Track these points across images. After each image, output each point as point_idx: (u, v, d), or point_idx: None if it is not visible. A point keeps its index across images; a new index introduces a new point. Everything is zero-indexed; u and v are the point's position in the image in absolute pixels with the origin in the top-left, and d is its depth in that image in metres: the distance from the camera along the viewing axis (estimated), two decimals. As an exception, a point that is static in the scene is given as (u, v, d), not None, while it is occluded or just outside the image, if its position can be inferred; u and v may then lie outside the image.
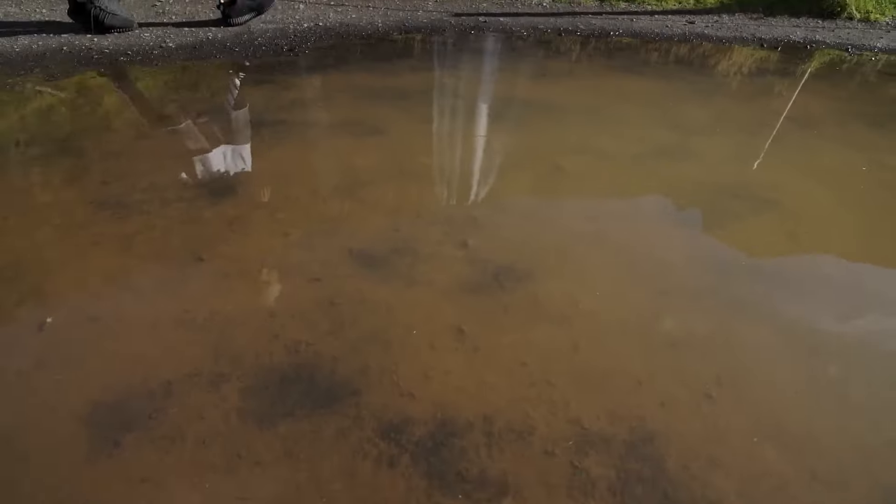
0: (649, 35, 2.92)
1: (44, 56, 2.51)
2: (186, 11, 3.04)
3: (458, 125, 1.86)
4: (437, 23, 2.94)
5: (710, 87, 2.29)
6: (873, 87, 2.42)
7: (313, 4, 3.14)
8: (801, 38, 3.04)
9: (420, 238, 1.29)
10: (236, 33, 2.72)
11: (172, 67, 2.37)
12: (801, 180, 1.64)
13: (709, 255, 1.28)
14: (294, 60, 2.42)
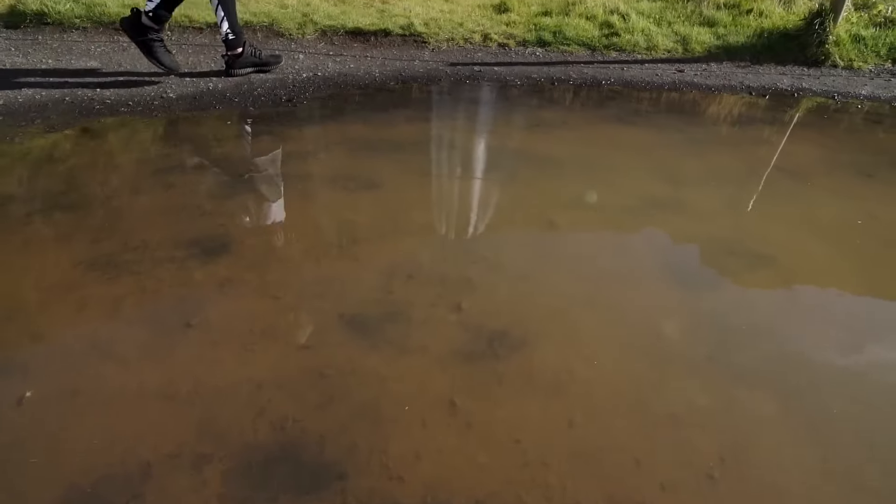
0: (640, 84, 2.99)
1: (46, 106, 2.55)
2: (189, 62, 3.12)
3: (453, 179, 1.87)
4: (433, 72, 3.01)
5: (700, 136, 2.33)
6: (861, 135, 2.46)
7: (313, 54, 3.22)
8: (788, 86, 3.12)
9: (413, 300, 1.27)
10: (236, 84, 2.78)
11: (172, 118, 2.41)
12: (795, 234, 1.64)
13: (706, 318, 1.26)
14: (292, 111, 2.46)
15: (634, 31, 3.56)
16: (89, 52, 3.27)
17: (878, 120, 2.69)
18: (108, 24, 3.57)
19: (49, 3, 3.69)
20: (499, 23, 3.63)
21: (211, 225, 1.57)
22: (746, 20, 3.81)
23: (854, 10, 4.16)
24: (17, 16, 3.69)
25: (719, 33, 3.67)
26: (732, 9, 3.99)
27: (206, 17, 3.56)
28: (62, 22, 3.62)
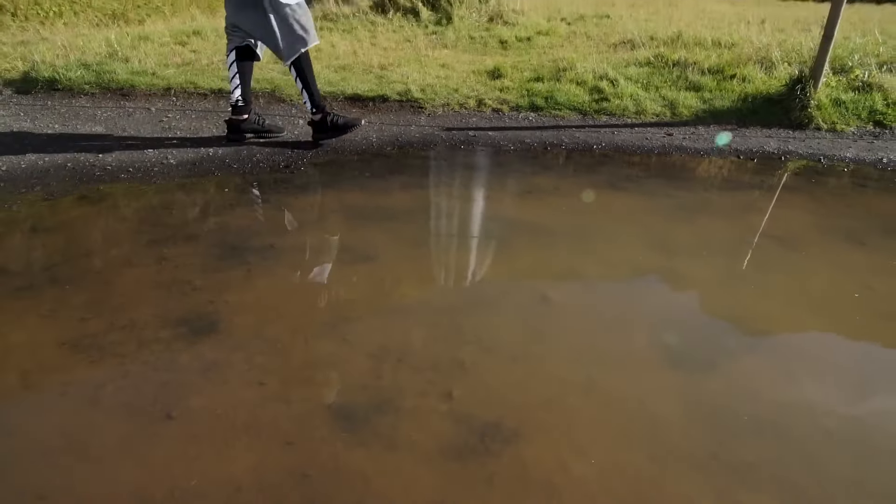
0: (630, 148, 3.07)
1: (48, 172, 2.60)
2: (192, 127, 3.21)
3: (446, 251, 1.87)
4: (428, 137, 3.10)
5: (691, 202, 2.36)
6: (849, 199, 2.50)
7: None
8: (775, 149, 3.20)
9: (403, 388, 1.24)
10: (236, 149, 2.85)
11: (170, 185, 2.44)
12: (792, 309, 1.62)
13: (705, 408, 1.22)
14: (290, 178, 2.51)
15: (623, 96, 3.70)
16: (95, 117, 3.37)
17: (864, 183, 2.74)
18: (116, 90, 3.71)
19: (61, 70, 3.85)
20: (493, 88, 3.77)
21: (200, 302, 1.56)
22: (730, 85, 3.97)
23: (833, 75, 4.35)
24: (30, 82, 3.83)
25: (705, 97, 3.81)
26: (716, 74, 4.17)
27: (211, 84, 3.70)
28: (72, 88, 3.76)
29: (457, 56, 4.89)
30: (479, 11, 7.24)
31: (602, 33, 6.39)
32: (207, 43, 5.10)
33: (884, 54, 4.89)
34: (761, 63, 4.32)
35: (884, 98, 3.95)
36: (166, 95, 3.63)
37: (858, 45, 5.59)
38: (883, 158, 3.16)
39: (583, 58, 4.48)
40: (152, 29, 6.64)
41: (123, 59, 4.11)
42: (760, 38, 5.92)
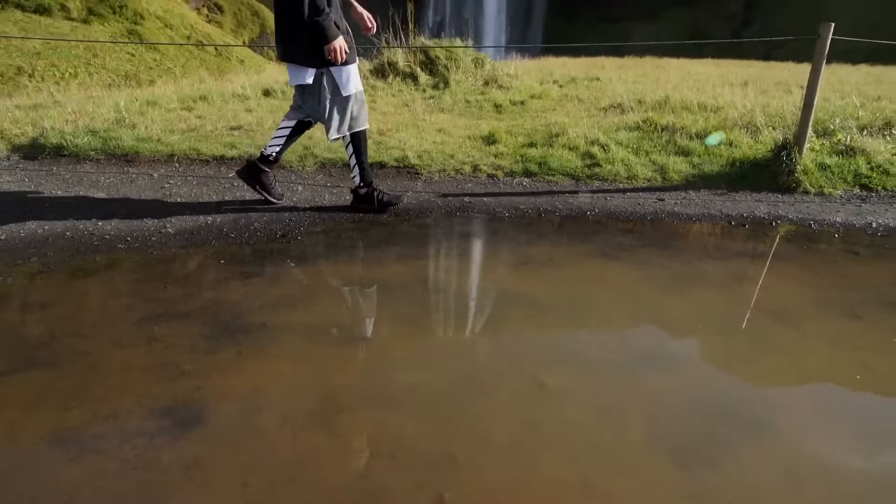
0: (624, 214, 3.12)
1: (46, 242, 2.61)
2: (192, 193, 3.27)
3: (440, 331, 1.86)
4: (425, 204, 3.15)
5: (685, 273, 2.37)
6: (842, 269, 2.51)
7: (311, 186, 3.39)
8: (765, 214, 3.26)
9: (392, 489, 1.19)
10: (234, 218, 2.88)
11: (166, 256, 2.45)
12: (792, 394, 1.59)
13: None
14: (286, 248, 2.53)
15: (615, 161, 3.80)
16: (99, 183, 3.44)
17: (856, 250, 2.77)
18: (121, 157, 3.81)
19: (69, 136, 3.97)
20: (488, 154, 3.88)
21: (187, 388, 1.52)
22: (718, 149, 4.09)
23: (816, 138, 4.50)
24: (38, 148, 3.94)
25: (694, 162, 3.92)
26: (704, 138, 4.31)
27: (213, 150, 3.81)
28: (78, 154, 3.86)
29: (453, 120, 5.07)
30: (475, 76, 7.58)
31: (593, 96, 6.66)
32: (213, 108, 5.29)
33: (863, 118, 5.09)
34: (747, 128, 4.48)
35: (867, 162, 4.07)
36: (169, 162, 3.72)
37: (838, 108, 5.83)
38: (872, 223, 3.20)
39: (574, 122, 4.65)
40: (161, 92, 6.92)
41: (130, 126, 4.25)
42: (744, 101, 6.18)
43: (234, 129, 4.24)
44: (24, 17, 17.40)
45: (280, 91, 6.21)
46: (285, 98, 5.92)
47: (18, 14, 17.51)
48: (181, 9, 20.10)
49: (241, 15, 22.19)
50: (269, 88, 6.14)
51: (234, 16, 21.81)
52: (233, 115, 4.76)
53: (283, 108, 5.35)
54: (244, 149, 3.82)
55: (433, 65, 7.43)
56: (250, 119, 4.54)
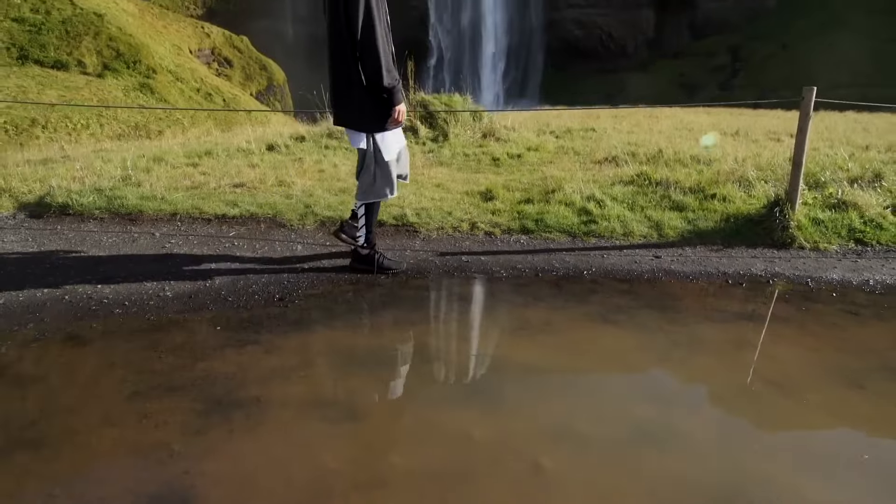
0: (620, 273, 3.13)
1: (44, 306, 2.62)
2: (193, 253, 3.30)
3: (434, 406, 1.83)
4: (422, 263, 3.17)
5: (683, 337, 2.36)
6: (843, 332, 2.50)
7: (311, 245, 3.43)
8: (762, 272, 3.27)
9: None
10: (233, 280, 2.90)
11: (163, 322, 2.45)
12: (797, 476, 1.55)
13: None
14: (283, 313, 2.53)
15: (610, 217, 3.86)
16: (101, 243, 3.48)
17: (855, 311, 2.76)
18: (125, 215, 3.87)
19: (75, 195, 4.05)
20: (485, 211, 3.94)
21: (176, 472, 1.49)
22: (712, 205, 4.16)
23: (808, 191, 4.58)
24: (44, 207, 4.02)
25: (689, 218, 3.97)
26: (697, 193, 4.38)
27: (215, 209, 3.88)
28: (83, 212, 3.93)
29: (452, 175, 5.18)
30: (474, 128, 7.81)
31: (588, 148, 6.83)
32: (218, 163, 5.43)
33: (853, 170, 5.20)
34: (739, 182, 4.57)
35: (860, 216, 4.11)
36: (172, 220, 3.78)
37: (828, 159, 5.97)
38: (869, 280, 3.21)
39: (570, 177, 4.74)
40: (169, 145, 7.11)
41: (136, 184, 4.34)
42: (736, 152, 6.33)
43: (236, 187, 4.33)
44: (42, 73, 18.18)
45: (283, 145, 6.38)
46: (288, 153, 6.08)
47: (37, 69, 18.30)
48: (192, 63, 21.00)
49: (250, 69, 23.14)
50: (273, 143, 6.31)
51: (242, 69, 22.74)
52: (236, 171, 4.88)
53: (285, 163, 5.48)
54: (245, 207, 3.89)
55: (433, 119, 7.67)
56: (253, 175, 4.64)
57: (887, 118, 16.18)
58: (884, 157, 6.25)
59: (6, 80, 16.71)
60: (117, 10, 21.54)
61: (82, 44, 18.88)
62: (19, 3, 18.80)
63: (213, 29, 23.80)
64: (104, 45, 18.87)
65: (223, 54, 22.71)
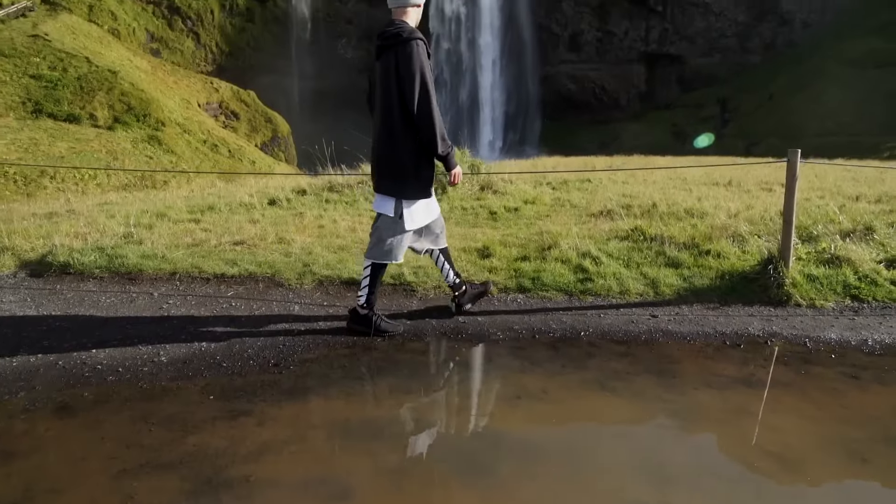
0: (617, 334, 3.13)
1: (37, 373, 2.60)
2: (190, 314, 3.31)
3: (426, 484, 1.78)
4: (419, 325, 3.17)
5: (681, 407, 2.33)
6: (843, 399, 2.47)
7: (308, 305, 3.44)
8: (759, 331, 3.26)
9: None
10: (227, 344, 2.89)
11: (156, 389, 2.43)
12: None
13: None
14: (277, 380, 2.50)
15: (606, 275, 3.89)
16: (99, 303, 3.50)
17: (855, 374, 2.73)
18: (124, 275, 3.91)
19: (76, 254, 4.10)
20: (482, 268, 3.98)
21: (159, 565, 1.43)
22: (707, 261, 4.20)
23: (802, 245, 4.63)
24: (45, 266, 4.06)
25: (685, 275, 4.00)
26: (692, 249, 4.43)
27: (215, 268, 3.92)
28: (83, 272, 3.96)
29: (450, 230, 5.25)
30: (472, 181, 8.00)
31: (584, 200, 6.97)
32: (220, 218, 5.52)
33: (844, 223, 5.28)
34: (733, 238, 4.63)
35: (854, 272, 4.14)
36: (171, 280, 3.81)
37: (819, 211, 6.08)
38: (868, 339, 3.19)
39: (566, 232, 4.81)
40: (173, 198, 7.25)
41: (137, 241, 4.41)
42: (729, 204, 6.46)
43: (236, 244, 4.39)
44: (55, 125, 18.81)
45: (285, 199, 6.52)
46: (290, 207, 6.20)
47: (50, 122, 18.96)
48: (200, 116, 21.79)
49: (255, 121, 23.97)
50: (275, 198, 6.45)
51: (248, 122, 23.55)
52: (237, 227, 4.96)
53: (286, 218, 5.58)
54: (244, 266, 3.92)
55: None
56: (254, 232, 4.71)
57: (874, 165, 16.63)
58: (874, 208, 6.37)
59: (20, 132, 17.28)
60: (131, 67, 22.57)
61: (95, 98, 19.67)
62: (38, 62, 19.73)
63: (222, 84, 24.84)
64: (116, 100, 19.65)
65: (230, 107, 23.57)
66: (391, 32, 2.70)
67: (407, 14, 2.76)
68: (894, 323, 3.49)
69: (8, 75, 19.77)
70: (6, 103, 18.75)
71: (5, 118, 18.45)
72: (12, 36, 21.40)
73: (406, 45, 2.66)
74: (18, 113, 19.18)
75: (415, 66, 2.65)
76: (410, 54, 2.64)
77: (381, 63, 2.76)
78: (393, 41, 2.69)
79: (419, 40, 2.68)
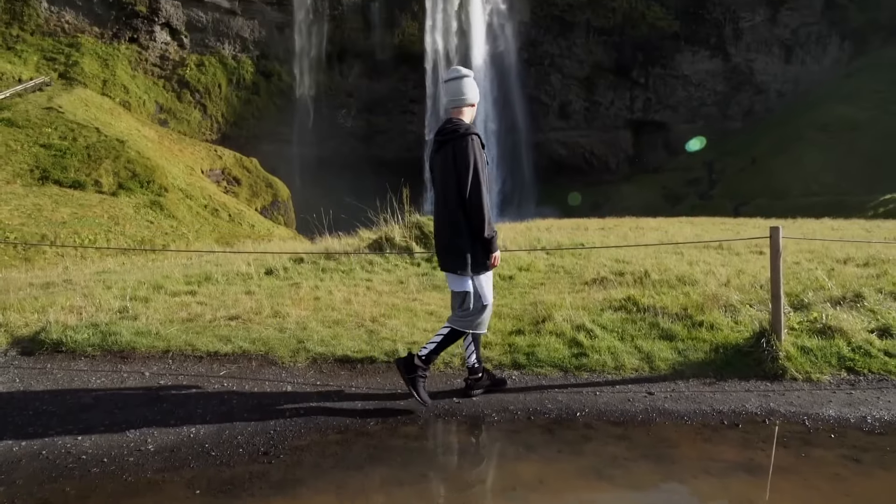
0: (614, 414, 3.09)
1: (18, 464, 2.52)
2: (181, 395, 3.26)
3: None
4: (413, 405, 3.12)
5: (682, 497, 2.27)
6: (846, 485, 2.41)
7: (301, 385, 3.41)
8: (757, 409, 3.22)
9: None
10: (218, 429, 2.84)
11: (140, 483, 2.35)
12: None
13: None
14: (266, 471, 2.44)
15: (601, 350, 3.89)
16: (89, 383, 3.45)
17: (856, 456, 2.68)
18: (117, 353, 3.88)
19: (70, 331, 4.09)
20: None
21: None
22: (700, 333, 4.22)
23: (794, 313, 4.67)
24: (38, 343, 4.03)
25: (679, 348, 4.01)
26: (685, 320, 4.46)
27: (208, 345, 3.90)
28: (75, 350, 3.94)
29: (444, 300, 5.30)
30: (467, 248, 8.15)
31: (578, 267, 7.07)
32: (216, 289, 5.56)
33: (834, 290, 5.36)
34: (725, 308, 4.68)
35: (847, 343, 4.15)
36: (163, 358, 3.79)
37: (808, 274, 6.18)
38: (867, 417, 3.16)
39: (561, 302, 4.85)
40: (170, 268, 7.32)
41: (132, 317, 4.41)
42: (719, 269, 6.56)
43: (231, 319, 4.40)
44: (60, 192, 19.26)
45: (282, 269, 6.59)
46: (286, 277, 6.26)
47: (55, 189, 19.41)
48: (202, 182, 22.41)
49: (256, 186, 24.65)
50: (272, 268, 6.52)
51: (249, 187, 24.21)
52: (233, 300, 4.98)
53: (281, 287, 5.63)
54: (238, 343, 3.91)
55: (427, 239, 8.03)
56: (249, 305, 4.73)
57: (860, 224, 17.01)
58: (862, 272, 6.48)
59: (24, 199, 17.64)
60: (139, 136, 23.48)
61: (101, 166, 20.29)
62: (50, 132, 20.54)
63: (225, 151, 25.77)
64: (122, 167, 20.26)
65: (233, 174, 24.30)
66: (449, 129, 3.00)
67: (463, 113, 3.08)
68: (892, 397, 3.46)
69: (19, 144, 20.47)
70: (14, 171, 19.28)
71: (12, 185, 18.90)
72: (27, 108, 22.40)
73: (462, 140, 2.95)
74: (25, 180, 19.67)
75: (469, 159, 2.93)
76: (465, 148, 2.93)
77: (439, 156, 3.05)
78: (451, 136, 2.98)
79: (474, 135, 2.98)
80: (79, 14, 29.73)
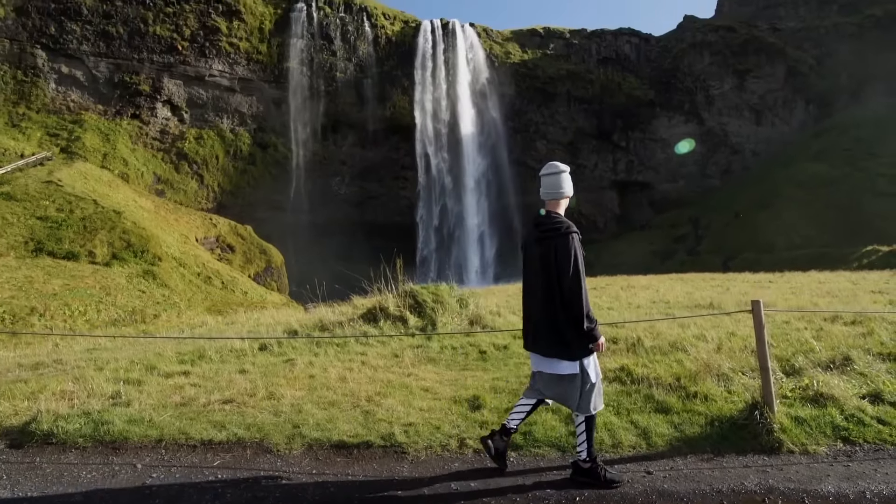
0: (614, 498, 3.06)
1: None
2: (173, 490, 3.19)
3: None
4: (412, 495, 3.08)
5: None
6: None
7: (296, 474, 3.35)
8: (756, 486, 3.21)
9: None
10: (212, 529, 2.76)
11: None
12: None
13: None
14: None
15: (598, 426, 3.88)
16: (78, 479, 3.37)
17: (859, 538, 2.66)
18: (108, 443, 3.81)
19: (61, 422, 4.03)
20: (473, 423, 3.97)
21: None
22: (695, 405, 4.24)
23: (786, 378, 4.72)
24: (27, 435, 3.95)
25: (675, 422, 4.01)
26: (679, 391, 4.50)
27: (202, 432, 3.85)
28: (66, 441, 3.86)
29: (440, 374, 5.30)
30: (461, 315, 8.20)
31: (571, 334, 7.11)
32: (210, 368, 5.52)
33: (823, 353, 5.45)
34: (718, 377, 4.73)
35: (840, 411, 4.19)
36: (156, 448, 3.72)
37: (798, 335, 6.28)
38: (865, 492, 3.15)
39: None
40: (162, 346, 7.26)
41: (125, 403, 4.36)
42: (711, 332, 6.65)
43: (225, 403, 4.36)
44: (53, 263, 19.27)
45: (276, 344, 6.58)
46: (280, 353, 6.24)
47: (48, 260, 19.43)
48: (196, 250, 22.58)
49: (250, 253, 24.87)
50: (266, 343, 6.52)
51: (243, 254, 24.41)
52: (227, 381, 4.95)
53: (275, 364, 5.61)
54: (232, 429, 3.87)
55: (421, 308, 8.09)
56: (244, 386, 4.71)
57: (846, 276, 17.33)
58: (850, 330, 6.60)
59: (17, 271, 17.61)
60: (135, 207, 23.88)
61: (96, 236, 20.47)
62: (47, 205, 20.86)
63: (220, 220, 26.18)
64: (117, 237, 20.45)
65: (227, 241, 24.55)
66: (550, 226, 3.18)
67: (559, 205, 3.27)
68: (889, 469, 3.47)
69: (16, 217, 20.70)
70: (9, 243, 19.38)
71: (5, 257, 18.90)
72: (27, 182, 22.86)
73: (564, 239, 3.13)
74: (19, 252, 19.72)
75: (571, 257, 3.11)
76: (568, 247, 3.12)
77: (539, 247, 3.21)
78: (553, 234, 3.16)
79: (574, 234, 3.16)
80: (84, 93, 31.18)
